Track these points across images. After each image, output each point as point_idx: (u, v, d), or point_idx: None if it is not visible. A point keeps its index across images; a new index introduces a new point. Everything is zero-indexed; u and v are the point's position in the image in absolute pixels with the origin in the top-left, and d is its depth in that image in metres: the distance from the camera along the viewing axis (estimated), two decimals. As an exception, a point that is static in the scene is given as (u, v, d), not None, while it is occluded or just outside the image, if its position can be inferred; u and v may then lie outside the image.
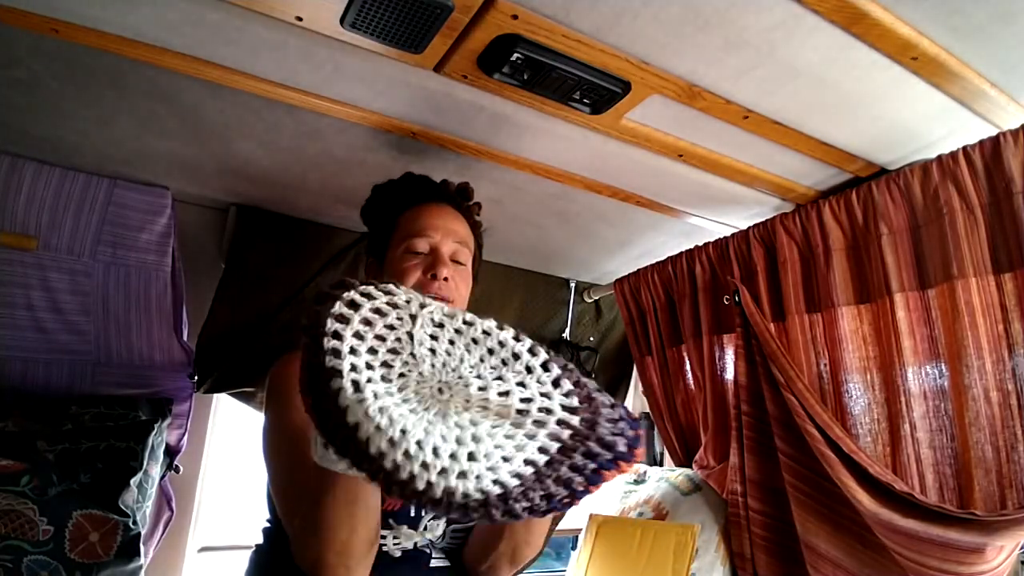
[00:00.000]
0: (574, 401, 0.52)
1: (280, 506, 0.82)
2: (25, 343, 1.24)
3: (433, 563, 0.90)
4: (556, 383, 0.54)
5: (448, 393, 0.50)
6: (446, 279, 0.93)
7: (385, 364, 0.51)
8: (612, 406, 0.52)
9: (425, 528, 0.88)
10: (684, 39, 0.84)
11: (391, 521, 0.85)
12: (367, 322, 0.53)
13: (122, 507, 1.11)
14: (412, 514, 0.88)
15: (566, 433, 0.48)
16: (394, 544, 0.85)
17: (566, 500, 0.45)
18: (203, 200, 1.44)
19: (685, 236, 1.57)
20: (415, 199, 1.01)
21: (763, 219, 1.36)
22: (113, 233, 1.30)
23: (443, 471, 0.42)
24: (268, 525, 0.94)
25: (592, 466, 0.46)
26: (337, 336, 0.50)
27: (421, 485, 0.41)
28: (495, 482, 0.43)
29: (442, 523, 0.90)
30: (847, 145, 1.12)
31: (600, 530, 1.48)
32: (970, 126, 1.02)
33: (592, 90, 0.95)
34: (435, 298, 0.73)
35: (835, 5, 0.77)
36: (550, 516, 0.58)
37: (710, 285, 1.51)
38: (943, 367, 1.07)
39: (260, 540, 0.95)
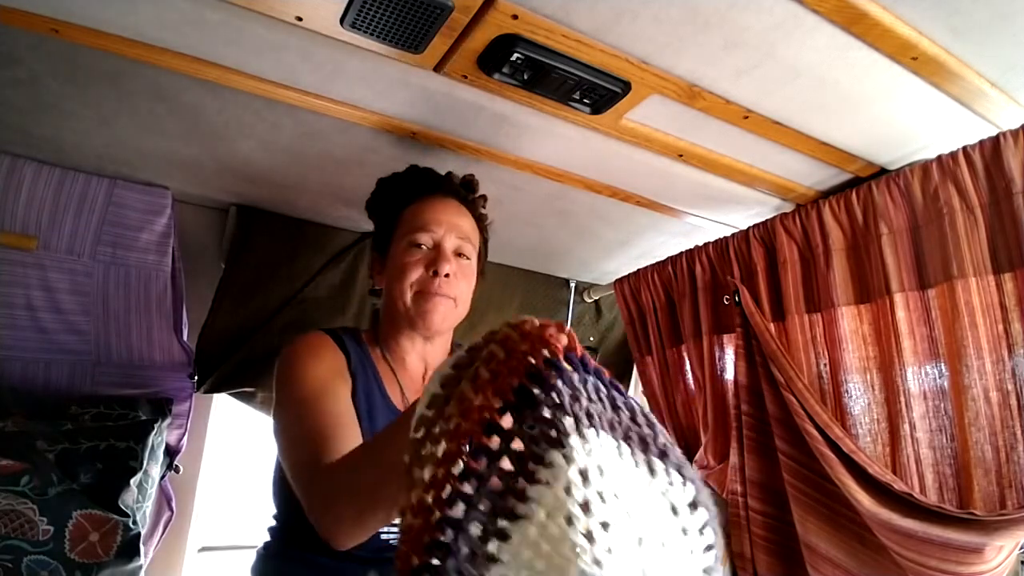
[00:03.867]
0: None
1: (296, 466, 0.76)
2: (25, 343, 1.24)
3: None
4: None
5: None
6: (447, 276, 0.92)
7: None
8: None
9: None
10: (684, 39, 0.84)
11: None
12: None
13: (122, 507, 1.11)
14: None
15: None
16: (394, 536, 0.86)
17: None
18: (203, 200, 1.44)
19: (685, 236, 1.57)
20: (419, 192, 1.00)
21: (763, 219, 1.36)
22: (113, 233, 1.31)
23: None
24: (274, 523, 0.94)
25: None
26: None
27: None
28: None
29: None
30: (847, 145, 1.12)
31: (600, 530, 1.48)
32: (970, 126, 1.02)
33: (592, 90, 0.95)
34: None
35: (835, 5, 0.77)
36: None
37: (710, 285, 1.51)
38: (943, 367, 1.07)
39: (267, 538, 0.94)
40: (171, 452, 1.35)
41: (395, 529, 0.86)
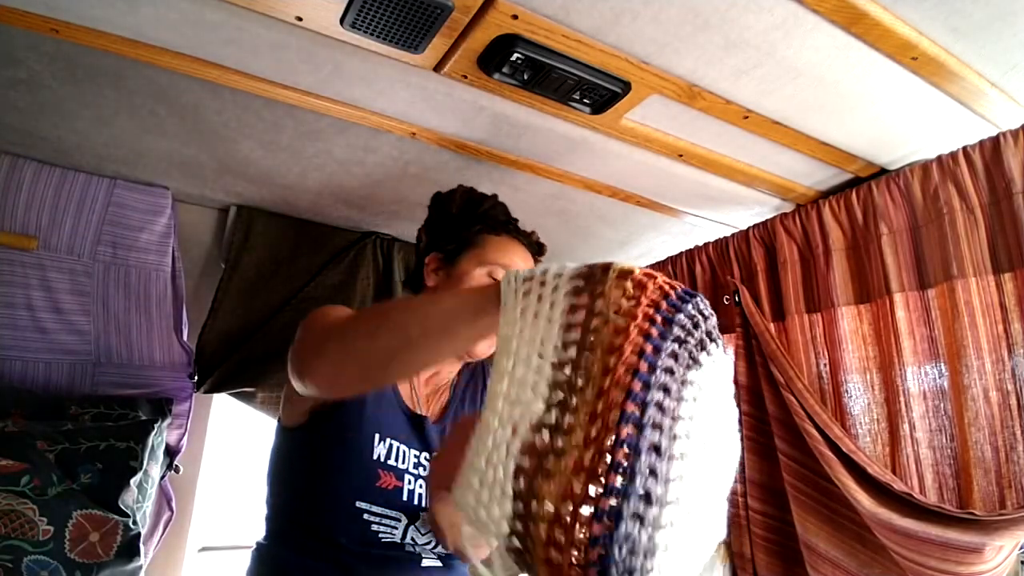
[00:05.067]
0: None
1: (307, 336, 0.73)
2: (25, 343, 1.24)
3: (425, 562, 0.90)
4: None
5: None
6: None
7: None
8: None
9: (418, 518, 0.88)
10: (684, 39, 0.84)
11: (384, 502, 0.86)
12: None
13: (122, 507, 1.11)
14: (404, 499, 0.88)
15: None
16: (385, 531, 0.86)
17: None
18: (203, 200, 1.44)
19: (685, 236, 1.57)
20: (506, 228, 1.03)
21: (763, 219, 1.36)
22: (113, 233, 1.31)
23: None
24: (268, 512, 0.95)
25: None
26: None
27: None
28: None
29: None
30: (847, 145, 1.12)
31: (600, 530, 1.48)
32: (970, 126, 1.02)
33: (592, 90, 0.95)
34: None
35: (835, 5, 0.77)
36: None
37: (710, 285, 1.50)
38: (943, 367, 1.07)
39: (261, 537, 0.95)
40: (171, 452, 1.35)
41: (385, 522, 0.87)
